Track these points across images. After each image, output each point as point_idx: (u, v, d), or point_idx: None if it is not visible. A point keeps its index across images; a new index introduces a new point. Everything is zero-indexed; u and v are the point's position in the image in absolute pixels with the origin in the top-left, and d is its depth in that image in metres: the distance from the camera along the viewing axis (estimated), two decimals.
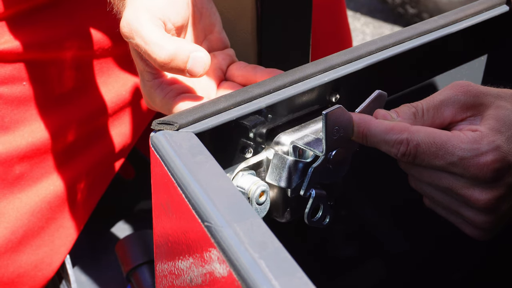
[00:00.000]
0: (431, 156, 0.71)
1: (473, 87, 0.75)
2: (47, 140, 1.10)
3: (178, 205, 0.64)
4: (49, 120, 1.11)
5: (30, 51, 1.07)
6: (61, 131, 1.12)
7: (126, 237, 1.29)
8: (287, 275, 0.54)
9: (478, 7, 0.90)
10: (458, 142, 0.71)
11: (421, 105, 0.75)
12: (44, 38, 1.08)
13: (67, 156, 1.14)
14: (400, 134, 0.72)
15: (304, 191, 0.74)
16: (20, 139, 1.08)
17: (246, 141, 0.73)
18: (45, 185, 1.12)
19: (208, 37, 0.85)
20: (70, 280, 1.22)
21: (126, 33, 0.76)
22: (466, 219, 0.74)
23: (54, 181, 1.13)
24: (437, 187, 0.74)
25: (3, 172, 1.08)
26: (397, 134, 0.72)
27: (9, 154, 1.07)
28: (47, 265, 1.14)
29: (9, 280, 1.11)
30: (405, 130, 0.72)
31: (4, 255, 1.09)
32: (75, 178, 1.16)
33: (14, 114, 1.08)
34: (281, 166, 0.74)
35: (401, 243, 1.06)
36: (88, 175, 1.17)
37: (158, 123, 0.69)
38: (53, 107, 1.12)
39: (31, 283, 1.13)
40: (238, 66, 0.84)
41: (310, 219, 0.76)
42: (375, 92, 0.75)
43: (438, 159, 0.71)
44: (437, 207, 0.77)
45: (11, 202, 1.09)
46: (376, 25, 3.26)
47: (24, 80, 1.08)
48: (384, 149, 0.73)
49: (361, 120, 0.73)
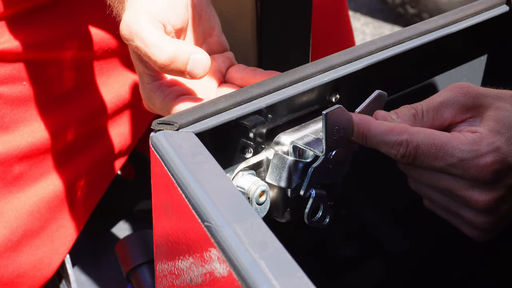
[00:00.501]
0: (430, 157, 0.71)
1: (473, 88, 0.75)
2: (47, 140, 1.10)
3: (178, 205, 0.64)
4: (49, 120, 1.11)
5: (30, 51, 1.07)
6: (61, 131, 1.12)
7: (126, 237, 1.29)
8: (287, 275, 0.54)
9: (478, 7, 0.90)
10: (457, 144, 0.71)
11: (421, 107, 0.75)
12: (44, 38, 1.08)
13: (66, 156, 1.14)
14: (400, 135, 0.72)
15: (304, 191, 0.74)
16: (20, 139, 1.08)
17: (246, 141, 0.73)
18: (44, 185, 1.12)
19: (208, 40, 0.85)
20: (70, 280, 1.22)
21: (125, 35, 0.76)
22: (465, 220, 0.74)
23: (54, 181, 1.13)
24: (436, 188, 0.74)
25: (2, 172, 1.08)
26: (397, 135, 0.72)
27: (9, 154, 1.07)
28: (46, 265, 1.14)
29: (8, 280, 1.11)
30: (404, 131, 0.72)
31: (4, 255, 1.09)
32: (74, 178, 1.16)
33: (14, 114, 1.08)
34: (281, 166, 0.74)
35: (401, 243, 1.06)
36: (88, 175, 1.17)
37: (158, 123, 0.69)
38: (53, 107, 1.12)
39: (31, 283, 1.13)
40: (237, 69, 0.84)
41: (310, 219, 0.76)
42: (375, 92, 0.75)
43: (437, 161, 0.71)
44: (437, 208, 0.77)
45: (10, 202, 1.09)
46: (376, 25, 3.26)
47: (24, 80, 1.08)
48: (383, 150, 0.73)
49: (361, 121, 0.73)
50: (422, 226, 1.02)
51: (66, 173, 1.14)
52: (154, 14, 0.77)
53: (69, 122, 1.13)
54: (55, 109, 1.12)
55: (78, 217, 1.18)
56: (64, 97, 1.12)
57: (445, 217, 0.76)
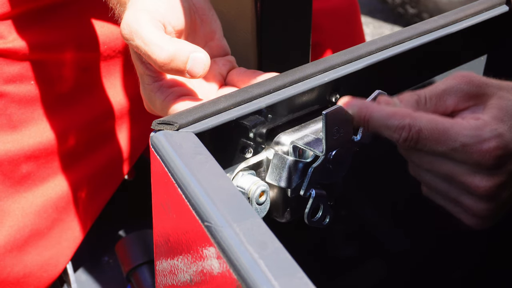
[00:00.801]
0: (433, 141, 0.71)
1: (476, 77, 0.76)
2: (54, 140, 1.11)
3: (178, 205, 0.64)
4: (57, 120, 1.11)
5: (38, 50, 1.07)
6: (68, 132, 1.12)
7: (126, 237, 1.29)
8: (287, 275, 0.54)
9: (478, 7, 0.90)
10: (461, 129, 0.71)
11: (424, 93, 0.75)
12: (52, 38, 1.08)
13: (74, 158, 1.14)
14: (403, 120, 0.71)
15: (304, 191, 0.74)
16: (28, 138, 1.08)
17: (246, 141, 0.74)
18: (52, 185, 1.12)
19: (209, 44, 0.86)
20: (70, 280, 1.22)
21: (126, 35, 0.76)
22: (465, 207, 0.74)
23: (61, 182, 1.13)
24: (437, 174, 0.74)
25: (10, 171, 1.08)
26: (400, 119, 0.72)
27: (16, 153, 1.07)
28: (53, 266, 1.15)
29: (14, 280, 1.11)
30: (407, 115, 0.72)
31: (10, 254, 1.09)
32: (82, 180, 1.16)
33: (21, 113, 1.08)
34: (281, 166, 0.74)
35: (401, 242, 1.06)
36: (95, 178, 1.17)
37: (158, 123, 0.69)
38: (60, 108, 1.12)
39: (37, 283, 1.14)
40: (238, 72, 0.85)
41: (310, 219, 0.76)
42: (375, 92, 0.75)
43: (440, 145, 0.71)
44: (436, 196, 0.76)
45: (17, 201, 1.09)
46: (376, 25, 3.26)
47: (32, 79, 1.08)
48: (386, 134, 0.73)
49: (363, 105, 0.73)
50: (422, 224, 1.02)
51: (73, 175, 1.14)
52: (154, 14, 0.77)
53: (76, 123, 1.13)
54: (62, 110, 1.12)
55: (85, 219, 1.18)
56: (72, 97, 1.13)
57: (444, 204, 0.76)
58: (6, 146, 1.07)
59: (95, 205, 1.20)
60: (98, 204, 1.20)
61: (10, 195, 1.08)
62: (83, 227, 1.17)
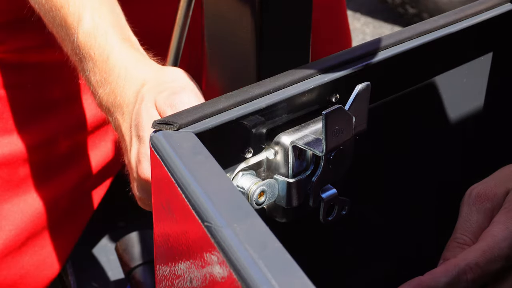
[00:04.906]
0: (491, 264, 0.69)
1: (483, 195, 0.75)
2: (50, 142, 1.11)
3: (178, 205, 0.64)
4: (51, 122, 1.11)
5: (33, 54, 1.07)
6: (63, 134, 1.13)
7: (126, 237, 1.29)
8: (287, 275, 0.54)
9: (479, 7, 0.90)
10: (499, 241, 0.70)
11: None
12: (43, 42, 1.08)
13: (68, 159, 1.14)
14: (457, 266, 0.69)
15: (313, 202, 0.74)
16: (23, 141, 1.09)
17: (246, 141, 0.73)
18: (49, 187, 1.12)
19: None
20: (70, 280, 1.22)
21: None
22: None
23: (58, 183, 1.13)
24: None
25: (8, 174, 1.08)
26: (454, 267, 0.69)
27: (14, 156, 1.07)
28: (49, 266, 1.15)
29: (11, 282, 1.11)
30: (456, 261, 0.70)
31: (8, 257, 1.09)
32: (78, 180, 1.16)
33: (17, 117, 1.08)
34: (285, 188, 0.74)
35: (402, 243, 1.06)
36: (90, 177, 1.18)
37: (158, 123, 0.69)
38: (55, 112, 1.12)
39: (34, 284, 1.13)
40: None
41: (326, 219, 0.76)
42: (356, 88, 0.74)
43: (495, 263, 0.69)
44: None
45: (16, 204, 1.09)
46: (376, 25, 3.26)
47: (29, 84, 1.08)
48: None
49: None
50: (425, 226, 1.02)
51: (70, 176, 1.14)
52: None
53: (72, 125, 1.13)
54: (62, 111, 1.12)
55: (81, 217, 1.18)
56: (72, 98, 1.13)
57: None
58: (3, 150, 1.07)
59: (91, 202, 1.20)
60: (93, 200, 1.20)
61: (9, 199, 1.08)
62: (80, 225, 1.17)
